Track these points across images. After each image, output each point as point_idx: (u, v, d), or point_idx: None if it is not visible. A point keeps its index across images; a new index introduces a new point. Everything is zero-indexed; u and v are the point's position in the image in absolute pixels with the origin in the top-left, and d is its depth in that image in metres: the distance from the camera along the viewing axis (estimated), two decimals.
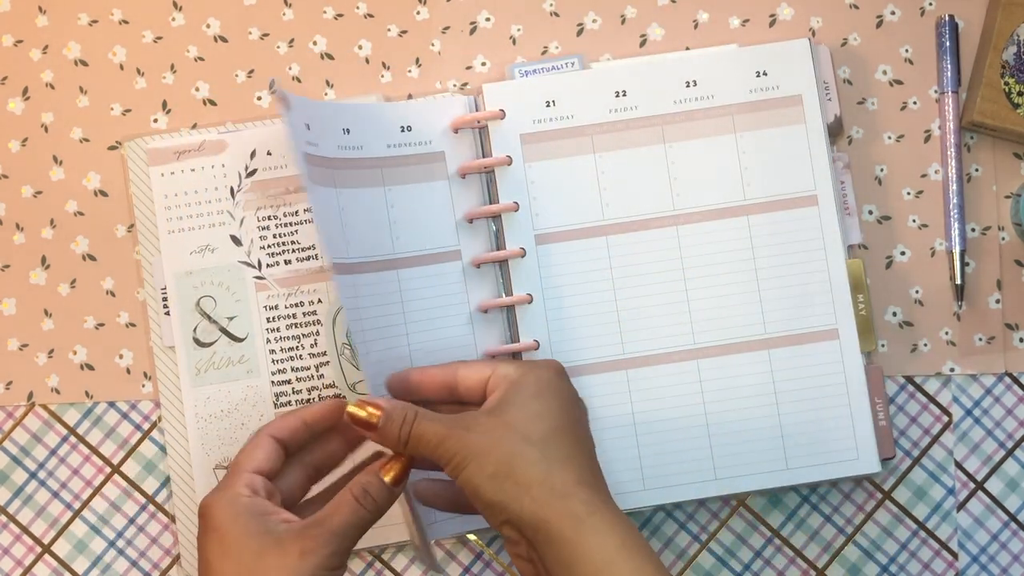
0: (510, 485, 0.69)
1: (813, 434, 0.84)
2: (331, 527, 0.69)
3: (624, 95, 0.85)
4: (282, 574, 0.67)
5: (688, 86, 0.85)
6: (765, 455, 0.84)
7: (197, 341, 0.86)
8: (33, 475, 0.87)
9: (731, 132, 0.85)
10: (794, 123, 0.85)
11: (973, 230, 0.87)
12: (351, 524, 0.70)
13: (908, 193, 0.88)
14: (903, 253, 0.87)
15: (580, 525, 0.68)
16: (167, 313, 0.86)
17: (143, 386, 0.88)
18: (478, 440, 0.70)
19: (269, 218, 0.86)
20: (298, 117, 0.80)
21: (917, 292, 0.87)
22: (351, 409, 0.72)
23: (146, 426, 0.87)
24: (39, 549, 0.87)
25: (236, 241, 0.86)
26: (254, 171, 0.86)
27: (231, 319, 0.86)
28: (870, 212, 0.87)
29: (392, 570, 0.87)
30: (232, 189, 0.86)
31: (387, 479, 0.71)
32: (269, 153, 0.86)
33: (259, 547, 0.68)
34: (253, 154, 0.86)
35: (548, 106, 0.85)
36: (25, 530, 0.87)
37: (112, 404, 0.88)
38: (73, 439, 0.87)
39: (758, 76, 0.85)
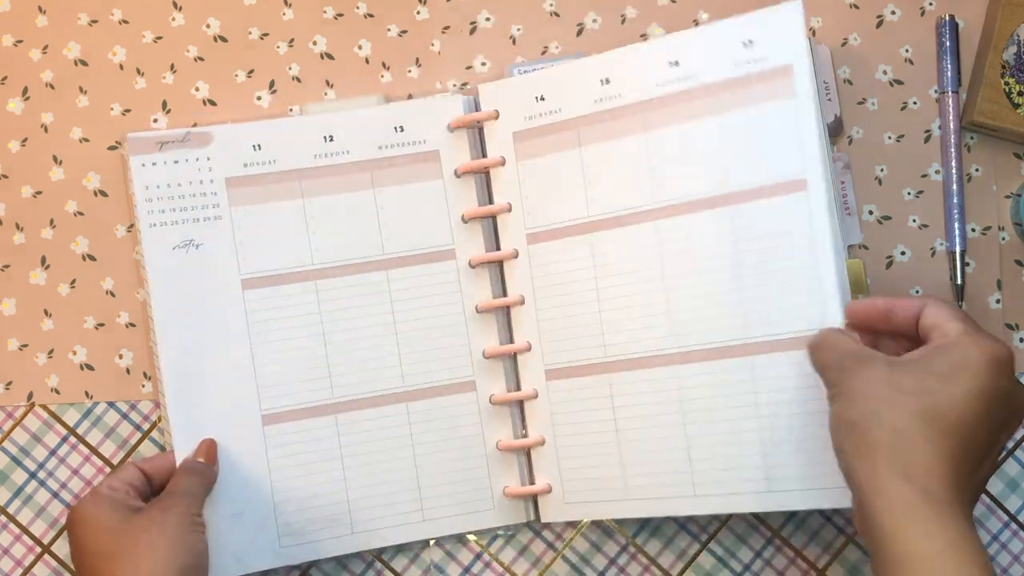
0: (860, 441, 0.65)
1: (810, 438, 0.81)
2: (175, 489, 0.80)
3: (608, 83, 0.82)
4: (153, 525, 0.77)
5: (672, 66, 0.80)
6: (747, 472, 0.80)
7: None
8: (33, 475, 0.87)
9: (716, 113, 0.79)
10: (783, 97, 0.78)
11: (973, 230, 0.87)
12: (188, 487, 0.81)
13: (908, 193, 0.87)
14: (903, 253, 0.87)
15: (906, 515, 0.63)
16: None
17: (143, 386, 0.88)
18: (857, 385, 0.67)
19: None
20: (238, 141, 0.84)
21: (917, 292, 0.87)
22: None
23: (146, 426, 0.87)
24: (39, 549, 0.87)
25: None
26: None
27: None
28: (870, 212, 0.87)
29: (392, 570, 0.87)
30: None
31: (198, 458, 0.83)
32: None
33: (124, 517, 0.78)
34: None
35: (539, 101, 0.84)
36: (25, 530, 0.87)
37: (112, 404, 0.88)
38: (73, 439, 0.87)
39: (745, 47, 0.79)
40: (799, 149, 0.77)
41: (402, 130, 0.85)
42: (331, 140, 0.85)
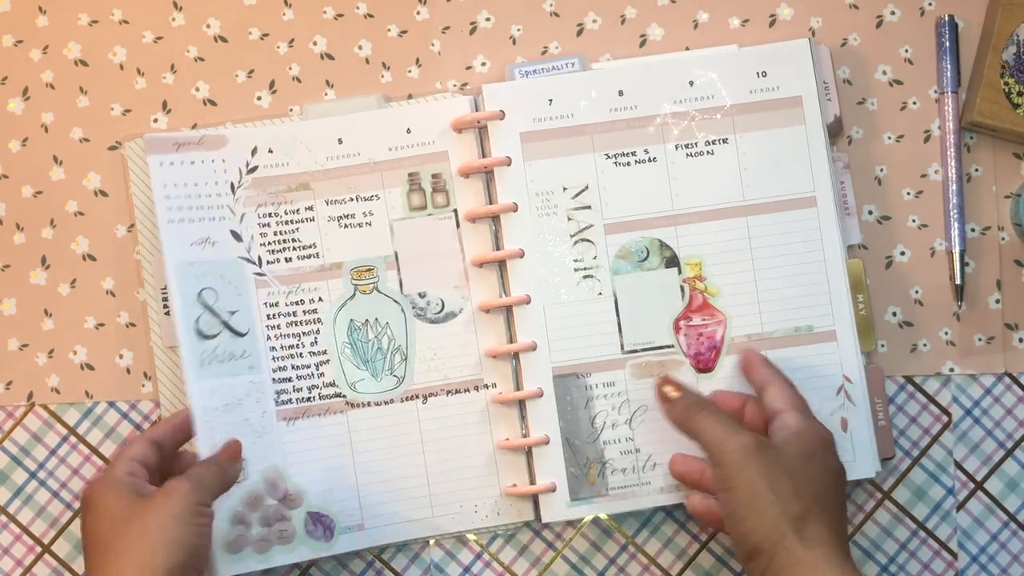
0: (755, 516, 0.74)
1: None
2: (186, 475, 0.77)
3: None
4: (150, 515, 0.74)
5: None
6: None
7: (200, 333, 0.85)
8: (33, 475, 0.87)
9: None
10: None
11: (973, 230, 0.87)
12: (200, 475, 0.78)
13: (908, 193, 0.88)
14: (903, 253, 0.87)
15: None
16: (167, 313, 0.86)
17: (143, 386, 0.87)
18: (741, 465, 0.75)
19: (270, 215, 0.86)
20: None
21: (917, 292, 0.87)
22: (661, 379, 0.82)
23: (146, 426, 0.87)
24: (39, 549, 0.87)
25: (236, 237, 0.85)
26: (255, 168, 0.86)
27: (233, 313, 0.85)
28: (870, 212, 0.87)
29: (392, 570, 0.87)
30: (232, 185, 0.86)
31: (221, 455, 0.81)
32: (270, 151, 0.86)
33: (128, 503, 0.75)
34: (254, 151, 0.86)
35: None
36: (25, 530, 0.87)
37: (112, 404, 0.88)
38: (73, 439, 0.87)
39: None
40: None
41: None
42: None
